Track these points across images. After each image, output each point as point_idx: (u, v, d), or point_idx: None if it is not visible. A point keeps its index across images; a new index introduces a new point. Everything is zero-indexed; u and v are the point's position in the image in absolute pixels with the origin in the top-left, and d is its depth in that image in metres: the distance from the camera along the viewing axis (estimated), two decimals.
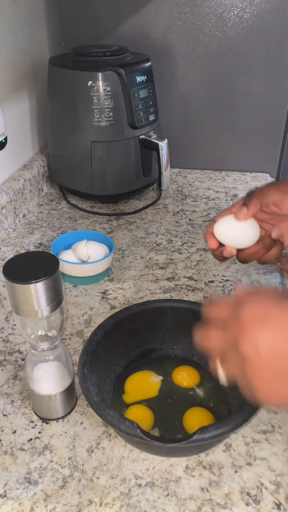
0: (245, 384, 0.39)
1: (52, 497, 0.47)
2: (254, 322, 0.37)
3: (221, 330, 0.40)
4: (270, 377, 0.37)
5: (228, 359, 0.41)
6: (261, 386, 0.38)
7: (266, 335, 0.37)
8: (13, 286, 0.43)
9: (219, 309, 0.42)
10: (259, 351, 0.37)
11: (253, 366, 0.38)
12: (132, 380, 0.59)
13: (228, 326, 0.39)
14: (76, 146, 0.96)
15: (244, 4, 0.98)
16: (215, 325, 0.42)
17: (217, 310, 0.42)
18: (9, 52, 0.95)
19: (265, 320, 0.37)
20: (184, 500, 0.47)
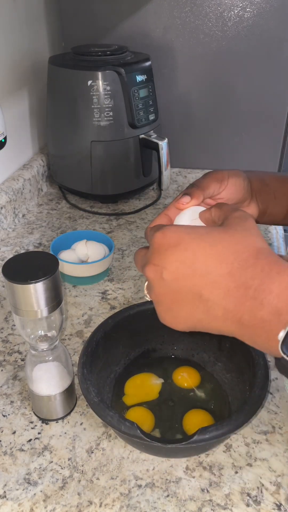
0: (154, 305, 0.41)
1: (52, 498, 0.47)
2: (162, 248, 0.39)
3: (144, 252, 0.42)
4: (169, 302, 0.39)
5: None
6: (161, 309, 0.40)
7: (170, 260, 0.38)
8: (13, 286, 0.43)
9: (148, 233, 0.43)
10: (162, 276, 0.38)
11: (157, 289, 0.39)
12: (133, 382, 0.58)
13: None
14: (76, 145, 0.96)
15: (244, 3, 0.98)
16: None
17: (147, 233, 0.43)
18: (9, 52, 0.94)
19: (172, 246, 0.38)
20: (184, 501, 0.47)
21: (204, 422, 0.53)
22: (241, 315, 0.35)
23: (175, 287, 0.38)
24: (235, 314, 0.36)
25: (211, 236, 0.38)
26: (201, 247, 0.37)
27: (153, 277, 0.39)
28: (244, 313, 0.35)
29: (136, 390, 0.58)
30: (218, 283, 0.36)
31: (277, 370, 0.36)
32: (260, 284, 0.35)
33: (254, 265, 0.36)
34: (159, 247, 0.39)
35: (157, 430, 0.53)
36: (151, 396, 0.57)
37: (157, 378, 0.59)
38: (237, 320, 0.36)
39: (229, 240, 0.38)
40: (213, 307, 0.37)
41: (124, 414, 0.54)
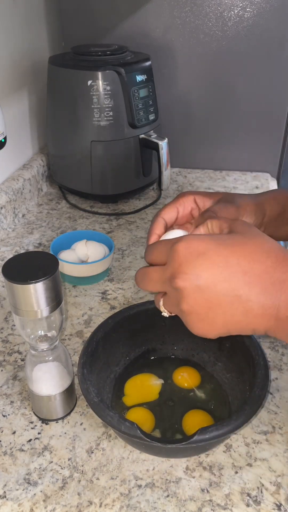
0: (183, 318, 0.41)
1: (52, 498, 0.47)
2: (190, 257, 0.38)
3: (160, 269, 0.41)
4: (205, 309, 0.39)
5: (167, 295, 0.42)
6: (195, 319, 0.40)
7: (203, 268, 0.38)
8: (13, 286, 0.43)
9: (157, 250, 0.43)
10: (197, 283, 0.38)
11: (190, 299, 0.39)
12: (132, 383, 0.58)
13: (166, 264, 0.40)
14: (76, 145, 0.96)
15: (244, 3, 0.98)
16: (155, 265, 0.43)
17: (156, 251, 0.43)
18: (9, 52, 0.94)
19: (201, 254, 0.38)
20: (184, 501, 0.47)
21: (203, 423, 0.53)
22: (278, 309, 0.37)
23: (211, 293, 0.38)
24: (272, 309, 0.37)
25: (236, 240, 0.39)
26: (229, 250, 0.38)
27: (187, 286, 0.38)
28: (280, 307, 0.37)
29: (136, 390, 0.58)
30: (255, 282, 0.37)
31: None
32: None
33: (285, 260, 0.38)
34: (187, 257, 0.38)
35: (157, 430, 0.53)
36: (151, 397, 0.57)
37: (157, 379, 0.59)
38: (275, 315, 0.37)
39: (254, 242, 0.39)
40: (252, 306, 0.37)
41: (124, 415, 0.54)
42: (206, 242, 0.39)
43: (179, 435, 0.53)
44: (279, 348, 0.65)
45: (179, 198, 0.53)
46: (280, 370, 0.62)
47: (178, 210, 0.52)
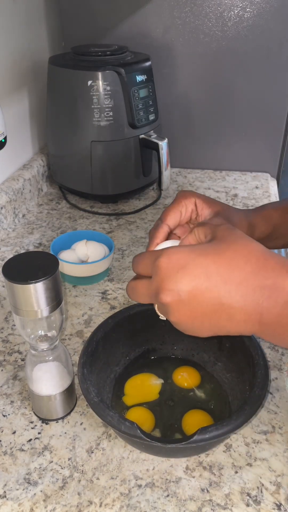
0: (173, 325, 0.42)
1: (52, 498, 0.47)
2: (171, 272, 0.39)
3: (146, 282, 0.42)
4: (191, 319, 0.40)
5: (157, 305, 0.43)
6: (184, 327, 0.41)
7: (184, 282, 0.38)
8: (13, 286, 0.43)
9: (142, 263, 0.43)
10: (180, 298, 0.39)
11: (176, 312, 0.40)
12: (132, 383, 0.58)
13: (152, 278, 0.41)
14: (76, 145, 0.96)
15: (244, 3, 0.98)
16: (141, 278, 0.44)
17: (141, 264, 0.43)
18: (9, 52, 0.94)
19: (181, 268, 0.38)
20: (184, 500, 0.47)
21: (203, 423, 0.53)
22: (260, 315, 0.37)
23: (195, 304, 0.39)
24: (255, 315, 0.37)
25: (215, 248, 0.39)
26: (209, 260, 0.38)
27: (171, 302, 0.39)
28: (262, 313, 0.37)
29: (136, 390, 0.58)
30: (236, 289, 0.37)
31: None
32: (273, 283, 0.37)
33: (265, 266, 0.38)
34: (169, 272, 0.39)
35: (157, 430, 0.53)
36: (151, 397, 0.57)
37: (157, 379, 0.59)
38: (258, 320, 0.38)
39: (235, 248, 0.39)
40: (235, 313, 0.38)
41: (124, 414, 0.54)
42: (186, 255, 0.39)
43: (179, 435, 0.53)
44: (279, 348, 0.65)
45: (181, 200, 0.53)
46: (280, 370, 0.62)
47: (181, 213, 0.53)
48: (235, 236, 0.40)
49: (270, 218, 0.57)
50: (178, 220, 0.53)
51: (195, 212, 0.54)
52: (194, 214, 0.54)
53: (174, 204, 0.53)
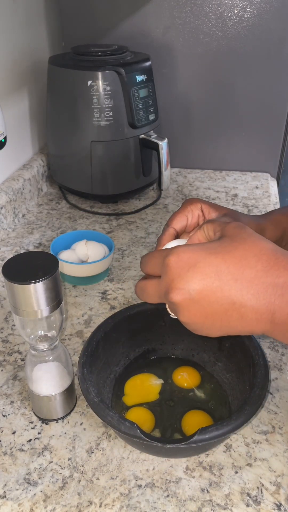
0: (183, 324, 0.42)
1: (52, 498, 0.47)
2: (181, 271, 0.38)
3: (155, 281, 0.42)
4: (202, 319, 0.39)
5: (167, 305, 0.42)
6: (195, 327, 0.41)
7: (195, 281, 0.38)
8: (13, 286, 0.43)
9: (151, 262, 0.43)
10: (190, 297, 0.38)
11: (186, 312, 0.39)
12: (132, 383, 0.58)
13: (161, 278, 0.41)
14: (76, 145, 0.96)
15: (244, 3, 0.98)
16: (150, 277, 0.44)
17: (150, 264, 0.43)
18: (9, 52, 0.94)
19: (192, 266, 0.38)
20: (184, 501, 0.47)
21: (203, 423, 0.53)
22: (272, 314, 0.37)
23: (205, 304, 0.38)
24: (267, 314, 0.37)
25: (225, 247, 0.39)
26: (220, 258, 0.38)
27: (182, 301, 0.39)
28: (275, 311, 0.37)
29: (136, 390, 0.58)
30: (247, 288, 0.37)
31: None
32: (286, 281, 0.36)
33: (277, 264, 0.37)
34: (179, 270, 0.39)
35: (157, 430, 0.53)
36: (151, 397, 0.57)
37: (157, 379, 0.59)
38: (270, 319, 0.37)
39: (244, 247, 0.38)
40: (246, 312, 0.37)
41: (124, 414, 0.54)
42: (196, 253, 0.39)
43: (179, 435, 0.53)
44: (279, 348, 0.65)
45: (187, 206, 0.53)
46: (280, 370, 0.62)
47: (187, 218, 0.52)
48: (245, 234, 0.40)
49: (279, 223, 0.57)
50: (184, 224, 0.52)
51: (202, 217, 0.53)
52: (201, 219, 0.54)
53: (180, 209, 0.53)
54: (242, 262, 0.37)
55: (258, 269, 0.37)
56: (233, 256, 0.38)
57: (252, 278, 0.37)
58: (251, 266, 0.37)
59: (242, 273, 0.37)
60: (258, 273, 0.37)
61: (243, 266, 0.37)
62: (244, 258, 0.38)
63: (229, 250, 0.38)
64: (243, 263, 0.37)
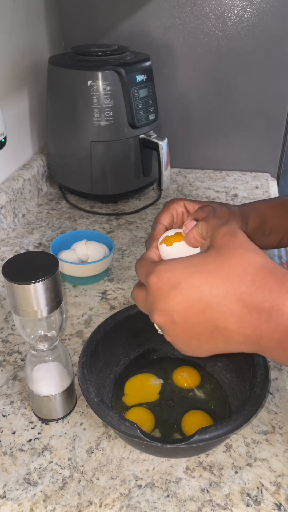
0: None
1: (52, 498, 0.47)
2: (162, 291, 0.37)
3: (144, 294, 0.41)
4: (187, 339, 0.39)
5: None
6: (181, 347, 0.40)
7: (176, 303, 0.37)
8: (13, 286, 0.43)
9: (139, 272, 0.42)
10: (172, 319, 0.37)
11: (170, 332, 0.39)
12: (132, 383, 0.58)
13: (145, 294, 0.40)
14: (76, 145, 0.96)
15: (244, 3, 0.98)
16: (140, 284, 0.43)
17: (138, 272, 0.42)
18: (9, 52, 0.94)
19: (172, 287, 0.37)
20: (184, 501, 0.47)
21: (203, 423, 0.53)
22: (259, 338, 0.35)
23: (189, 325, 0.37)
24: (254, 338, 0.36)
25: (208, 265, 0.37)
26: (203, 279, 0.36)
27: (164, 322, 0.38)
28: (262, 336, 0.35)
29: (136, 390, 0.58)
30: (231, 311, 0.35)
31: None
32: (271, 306, 0.34)
33: (262, 286, 0.35)
34: (159, 292, 0.37)
35: (157, 430, 0.53)
36: (151, 397, 0.57)
37: (157, 379, 0.59)
38: (257, 342, 0.36)
39: (229, 264, 0.36)
40: (232, 335, 0.36)
41: (124, 414, 0.54)
42: (178, 272, 0.37)
43: (179, 435, 0.53)
44: None
45: (170, 204, 0.52)
46: (280, 370, 0.62)
47: (173, 216, 0.52)
48: (234, 244, 0.37)
49: (260, 209, 0.57)
50: (171, 221, 0.52)
51: (186, 213, 0.53)
52: (185, 216, 0.53)
53: (164, 209, 0.52)
54: (226, 283, 0.35)
55: (242, 291, 0.35)
56: (216, 277, 0.36)
57: (236, 300, 0.35)
58: (235, 288, 0.35)
59: (225, 295, 0.35)
60: (242, 295, 0.35)
61: (227, 288, 0.35)
62: (227, 279, 0.36)
63: (211, 269, 0.36)
64: (226, 284, 0.35)
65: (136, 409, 0.55)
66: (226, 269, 0.36)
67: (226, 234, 0.38)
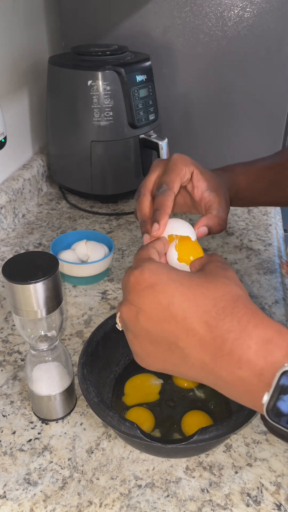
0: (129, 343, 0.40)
1: (52, 498, 0.47)
2: (138, 287, 0.37)
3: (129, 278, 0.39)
4: (145, 342, 0.37)
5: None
6: (136, 348, 0.39)
7: (146, 302, 0.36)
8: (13, 286, 0.43)
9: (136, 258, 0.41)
10: (137, 316, 0.36)
11: (130, 328, 0.38)
12: (132, 383, 0.58)
13: None
14: (76, 145, 0.96)
15: (244, 3, 0.98)
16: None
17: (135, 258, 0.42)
18: (9, 52, 0.94)
19: (148, 287, 0.36)
20: (184, 501, 0.47)
21: (202, 423, 0.53)
22: (217, 370, 0.34)
23: (150, 330, 0.36)
24: (212, 368, 0.34)
25: (191, 280, 0.36)
26: (179, 290, 0.35)
27: (128, 317, 0.37)
28: (221, 369, 0.33)
29: (136, 390, 0.58)
30: (194, 331, 0.34)
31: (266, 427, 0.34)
32: (237, 338, 0.33)
33: (232, 315, 0.34)
34: (136, 286, 0.37)
35: (157, 430, 0.53)
36: (151, 397, 0.57)
37: (157, 379, 0.59)
38: (215, 374, 0.34)
39: (208, 286, 0.36)
40: (189, 356, 0.35)
41: (124, 414, 0.54)
42: (160, 275, 0.37)
43: (179, 435, 0.53)
44: None
45: (182, 167, 0.49)
46: None
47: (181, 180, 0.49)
48: (221, 274, 0.37)
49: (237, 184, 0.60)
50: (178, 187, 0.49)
51: (190, 183, 0.51)
52: (189, 186, 0.51)
53: (176, 169, 0.49)
54: (198, 302, 0.35)
55: (211, 315, 0.34)
56: (192, 292, 0.35)
57: (202, 322, 0.34)
58: (205, 310, 0.34)
59: (193, 313, 0.34)
60: (209, 319, 0.34)
61: (198, 307, 0.34)
62: (201, 298, 0.35)
63: (191, 285, 0.36)
64: (199, 303, 0.35)
65: (136, 409, 0.55)
66: (204, 290, 0.35)
67: (218, 265, 0.39)
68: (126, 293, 0.38)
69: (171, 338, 0.35)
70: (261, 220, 0.98)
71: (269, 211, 1.01)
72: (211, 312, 0.34)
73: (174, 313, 0.35)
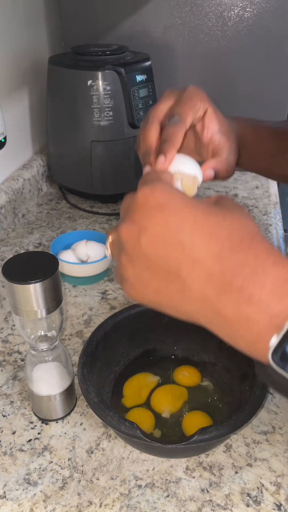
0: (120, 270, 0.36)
1: (52, 498, 0.47)
2: (146, 205, 0.33)
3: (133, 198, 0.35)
4: (141, 268, 0.33)
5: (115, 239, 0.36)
6: (129, 275, 0.35)
7: (152, 222, 0.32)
8: (13, 286, 0.43)
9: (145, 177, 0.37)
10: (138, 237, 0.32)
11: (128, 251, 0.34)
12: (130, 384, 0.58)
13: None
14: (76, 145, 0.96)
15: (244, 3, 0.98)
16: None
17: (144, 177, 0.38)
18: (9, 51, 0.94)
19: (157, 207, 0.32)
20: (184, 501, 0.47)
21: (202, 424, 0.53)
22: (221, 307, 0.30)
23: (151, 254, 0.32)
24: (215, 303, 0.30)
25: (206, 207, 0.33)
26: (192, 215, 0.32)
27: (128, 238, 0.33)
28: (226, 305, 0.30)
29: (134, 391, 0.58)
30: (202, 262, 0.31)
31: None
32: (251, 273, 0.29)
33: (248, 249, 0.30)
34: (144, 204, 0.33)
35: (157, 430, 0.53)
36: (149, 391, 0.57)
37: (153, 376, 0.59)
38: (216, 311, 0.31)
39: (225, 217, 0.32)
40: (190, 289, 0.31)
41: (124, 415, 0.54)
42: (172, 197, 0.33)
43: (181, 435, 0.53)
44: None
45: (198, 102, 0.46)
46: None
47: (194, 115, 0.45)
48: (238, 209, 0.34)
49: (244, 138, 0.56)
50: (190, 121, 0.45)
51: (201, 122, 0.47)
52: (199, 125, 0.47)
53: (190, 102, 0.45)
54: (213, 230, 0.31)
55: (225, 246, 0.31)
56: (207, 221, 0.32)
57: (213, 253, 0.31)
58: (219, 239, 0.31)
59: (205, 242, 0.31)
60: (222, 251, 0.30)
61: (210, 235, 0.31)
62: (216, 227, 0.31)
63: (207, 213, 0.32)
64: (213, 232, 0.31)
65: (136, 409, 0.55)
66: (220, 220, 0.32)
67: (234, 203, 0.35)
68: (129, 212, 0.34)
69: (172, 266, 0.32)
70: (261, 220, 0.98)
71: (269, 211, 1.02)
72: (225, 244, 0.31)
73: (183, 240, 0.31)
